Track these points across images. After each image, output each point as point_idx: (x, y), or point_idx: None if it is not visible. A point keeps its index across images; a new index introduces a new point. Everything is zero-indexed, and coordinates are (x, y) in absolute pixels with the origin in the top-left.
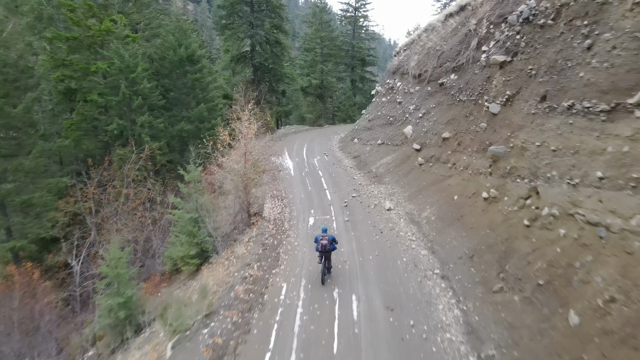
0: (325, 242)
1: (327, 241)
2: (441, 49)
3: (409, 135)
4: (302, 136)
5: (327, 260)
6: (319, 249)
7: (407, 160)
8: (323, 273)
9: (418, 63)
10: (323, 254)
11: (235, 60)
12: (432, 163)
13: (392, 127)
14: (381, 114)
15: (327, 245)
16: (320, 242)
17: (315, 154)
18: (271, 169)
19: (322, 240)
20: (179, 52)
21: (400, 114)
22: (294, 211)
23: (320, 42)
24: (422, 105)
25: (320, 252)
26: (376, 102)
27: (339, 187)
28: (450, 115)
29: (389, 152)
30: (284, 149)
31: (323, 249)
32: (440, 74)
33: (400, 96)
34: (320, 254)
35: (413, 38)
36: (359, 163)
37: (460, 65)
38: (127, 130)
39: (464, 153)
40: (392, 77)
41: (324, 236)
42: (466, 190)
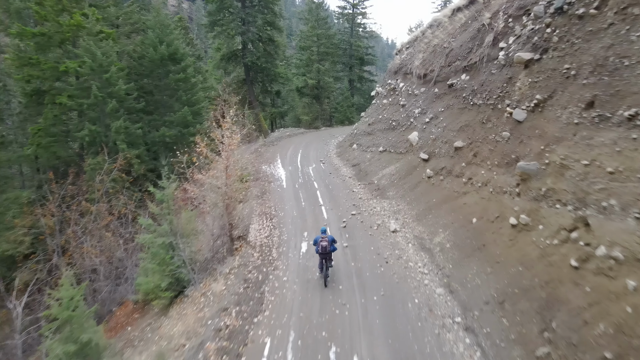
0: (325, 243)
1: (327, 242)
2: (449, 47)
3: (415, 142)
4: (297, 140)
5: (327, 262)
6: (319, 251)
7: (413, 171)
8: (325, 276)
9: (423, 62)
10: (323, 257)
11: (226, 59)
12: (443, 176)
13: (395, 133)
14: (382, 118)
15: (327, 247)
16: (320, 243)
17: (310, 161)
18: (261, 180)
19: (322, 241)
20: (159, 50)
21: (404, 118)
22: (284, 234)
23: (316, 40)
24: (429, 109)
25: (321, 254)
26: (376, 104)
27: (337, 202)
28: (462, 121)
29: (392, 161)
30: (277, 155)
31: (324, 251)
32: (448, 74)
33: (404, 98)
34: (321, 257)
35: (416, 35)
36: (358, 172)
37: (473, 64)
38: (101, 137)
39: (482, 166)
40: (394, 77)
41: (324, 237)
42: (487, 212)
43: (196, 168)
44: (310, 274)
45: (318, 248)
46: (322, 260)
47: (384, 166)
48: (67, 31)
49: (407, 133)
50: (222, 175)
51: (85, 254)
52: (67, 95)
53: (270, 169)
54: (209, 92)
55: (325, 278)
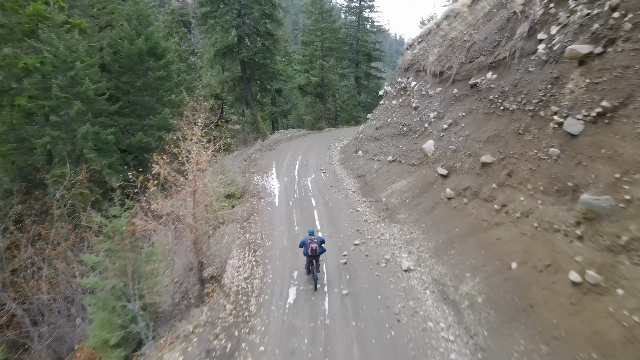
0: (315, 245)
1: (316, 244)
2: (470, 40)
3: (430, 153)
4: (297, 143)
5: (316, 263)
6: (308, 253)
7: (429, 189)
8: (315, 278)
9: (439, 58)
10: (312, 259)
11: (221, 54)
12: (468, 199)
13: (407, 140)
14: (392, 121)
15: (317, 249)
16: (310, 245)
17: (309, 171)
18: (250, 195)
19: (311, 243)
20: (137, 44)
21: (417, 123)
22: (268, 274)
23: (320, 34)
24: (447, 113)
25: (310, 256)
26: (385, 105)
27: (337, 227)
28: (490, 130)
29: (404, 173)
30: (273, 162)
31: (313, 253)
32: (470, 71)
33: (417, 99)
34: (309, 259)
35: (430, 27)
36: (364, 186)
37: (501, 60)
38: (66, 145)
39: (520, 190)
40: (405, 75)
41: (313, 239)
42: (532, 256)
43: (153, 194)
44: (297, 340)
45: (307, 250)
46: (311, 262)
47: (394, 180)
48: (26, 22)
49: (421, 141)
50: (188, 202)
51: (35, 287)
52: (28, 95)
53: (263, 181)
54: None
55: (315, 280)
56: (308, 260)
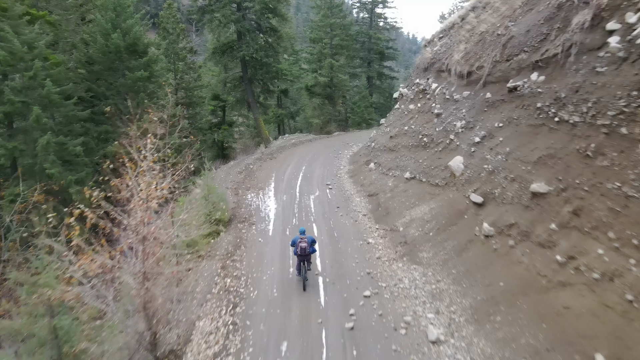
0: (304, 244)
1: (306, 244)
2: (506, 34)
3: (458, 172)
4: (302, 151)
5: (306, 263)
6: (297, 253)
7: (458, 219)
8: (304, 279)
9: (466, 55)
10: (302, 258)
11: (220, 52)
12: (515, 240)
13: (428, 154)
14: (409, 130)
15: (306, 248)
16: (299, 244)
17: (313, 186)
18: (240, 220)
19: (301, 243)
20: (112, 40)
21: (439, 134)
22: (247, 346)
23: (329, 31)
24: (478, 123)
25: (300, 255)
26: (400, 110)
27: (343, 267)
28: (542, 148)
29: (425, 196)
30: (272, 175)
31: (303, 252)
32: (507, 71)
33: (439, 104)
34: (300, 258)
35: (453, 21)
36: (376, 208)
37: (551, 57)
38: (25, 158)
39: (596, 238)
40: (424, 76)
41: (303, 238)
42: (631, 349)
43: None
44: None
45: (297, 249)
46: (301, 262)
47: (413, 203)
48: None
49: (446, 156)
50: (134, 256)
51: None
52: None
53: (258, 200)
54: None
55: (305, 281)
56: (298, 260)
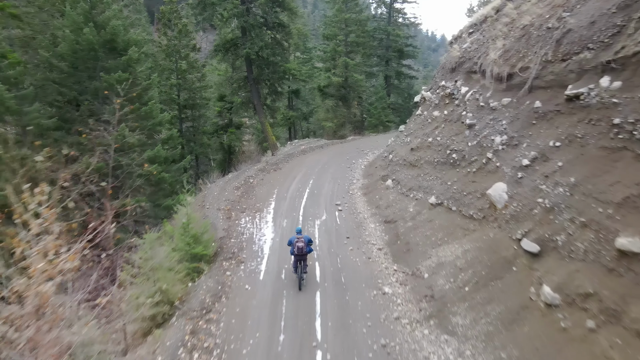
0: (301, 244)
1: (303, 243)
2: (561, 26)
3: (501, 203)
4: (311, 160)
5: (303, 263)
6: (294, 252)
7: (504, 270)
8: (300, 278)
9: (504, 54)
10: (299, 258)
11: (223, 50)
12: (597, 321)
13: (459, 174)
14: (433, 142)
15: (303, 248)
16: (296, 244)
17: (320, 207)
18: (225, 257)
19: (297, 242)
20: (84, 35)
21: (473, 149)
22: None
23: (344, 27)
24: (525, 139)
25: (296, 255)
26: (423, 117)
27: (350, 333)
28: (628, 184)
29: (456, 230)
30: (274, 191)
31: (299, 252)
32: (563, 74)
33: (471, 112)
34: (296, 258)
35: (485, 14)
36: (394, 240)
37: (629, 57)
38: None
39: None
40: (451, 78)
41: (300, 238)
42: None
43: None
44: None
45: (293, 249)
46: (297, 261)
47: (441, 239)
48: None
49: (483, 180)
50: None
51: None
52: None
53: (253, 227)
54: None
55: (300, 280)
56: (295, 259)
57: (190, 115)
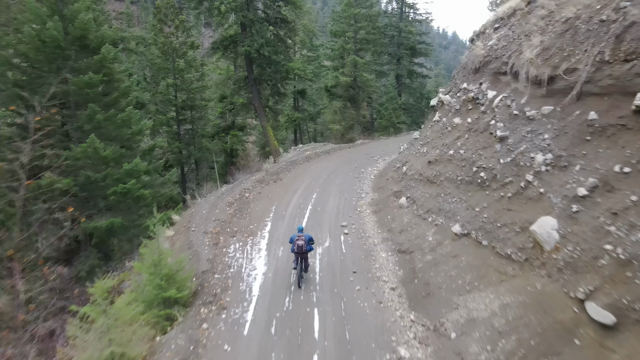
0: (301, 242)
1: (303, 241)
2: (620, 18)
3: (549, 244)
4: (316, 168)
5: (303, 261)
6: (294, 250)
7: (563, 342)
8: (300, 276)
9: (544, 52)
10: (299, 255)
11: (222, 47)
12: None
13: (489, 198)
14: (455, 155)
15: (303, 246)
16: (297, 242)
17: (324, 229)
18: (207, 293)
19: (298, 240)
20: (47, 30)
21: (507, 168)
22: None
23: (353, 22)
24: (577, 159)
25: (297, 253)
26: (441, 124)
27: None
28: None
29: (489, 272)
30: (271, 209)
31: (300, 250)
32: (627, 78)
33: (502, 122)
34: (296, 256)
35: (513, 6)
36: (410, 278)
37: None
38: None
39: None
40: (475, 80)
41: (300, 236)
42: None
43: None
44: None
45: (294, 247)
46: (298, 259)
47: (471, 284)
48: None
49: (522, 208)
50: None
51: None
52: None
53: (243, 256)
54: (212, 92)
55: (300, 278)
56: (295, 257)
57: (189, 117)
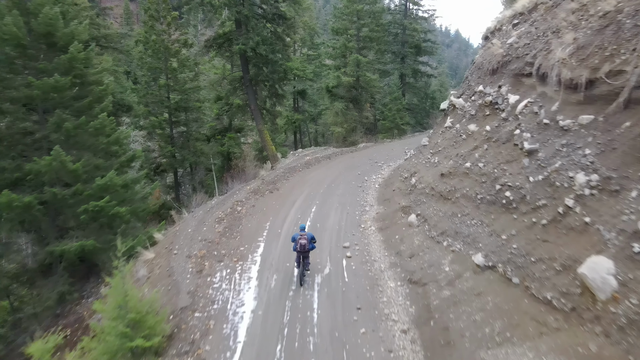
0: (304, 241)
1: (306, 240)
2: None
3: (605, 293)
4: (316, 176)
5: (305, 260)
6: (297, 249)
7: None
8: (301, 274)
9: (579, 51)
10: (301, 254)
11: (217, 45)
12: None
13: (518, 224)
14: (473, 168)
15: (306, 245)
16: (299, 241)
17: (323, 251)
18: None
19: (300, 239)
20: (5, 26)
21: (538, 188)
22: None
23: (355, 19)
24: (634, 183)
25: (299, 252)
26: (455, 130)
27: None
28: None
29: (525, 320)
30: (265, 225)
31: (302, 249)
32: None
33: (529, 132)
34: (298, 254)
35: (534, 0)
36: (425, 318)
37: None
38: None
39: None
40: (492, 82)
41: (303, 235)
42: None
43: None
44: None
45: (296, 246)
46: (300, 257)
47: (502, 335)
48: None
49: (562, 240)
50: None
51: None
52: None
53: (231, 286)
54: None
55: (302, 277)
56: (297, 255)
57: (183, 119)
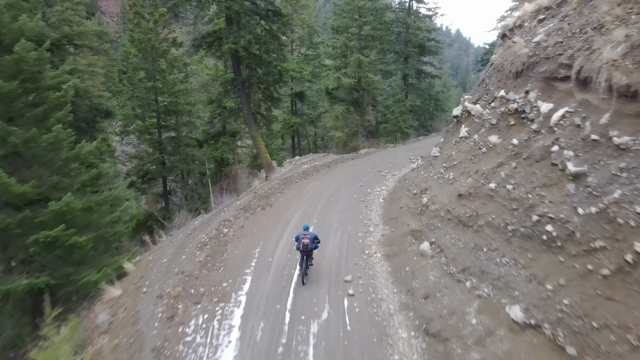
0: (307, 240)
1: (309, 240)
2: None
3: None
4: (314, 188)
5: (307, 259)
6: (300, 248)
7: None
8: (303, 274)
9: (634, 51)
10: (304, 253)
11: (205, 44)
12: None
13: (566, 268)
14: (499, 190)
15: (309, 245)
16: (302, 240)
17: (321, 289)
18: None
19: (303, 239)
20: None
21: (591, 223)
22: None
23: (357, 17)
24: None
25: (302, 251)
26: (472, 142)
27: None
28: None
29: None
30: (254, 252)
31: (305, 248)
32: None
33: (571, 149)
34: (302, 253)
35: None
36: None
37: None
38: None
39: None
40: (516, 87)
41: (306, 234)
42: None
43: None
44: None
45: (299, 245)
46: (303, 257)
47: None
48: None
49: (636, 300)
50: None
51: None
52: None
53: (206, 340)
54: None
55: (304, 276)
56: (300, 255)
57: (173, 124)
